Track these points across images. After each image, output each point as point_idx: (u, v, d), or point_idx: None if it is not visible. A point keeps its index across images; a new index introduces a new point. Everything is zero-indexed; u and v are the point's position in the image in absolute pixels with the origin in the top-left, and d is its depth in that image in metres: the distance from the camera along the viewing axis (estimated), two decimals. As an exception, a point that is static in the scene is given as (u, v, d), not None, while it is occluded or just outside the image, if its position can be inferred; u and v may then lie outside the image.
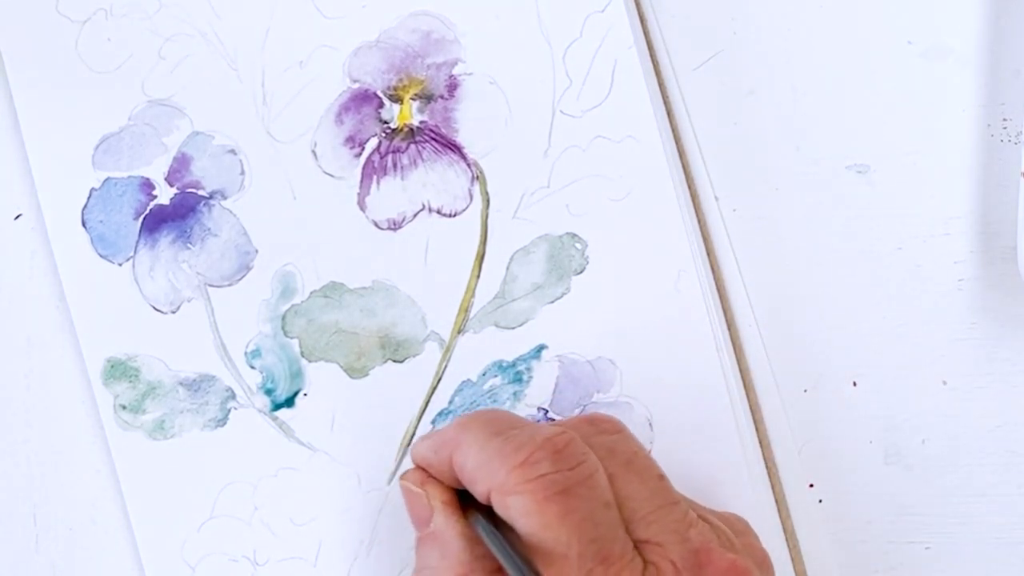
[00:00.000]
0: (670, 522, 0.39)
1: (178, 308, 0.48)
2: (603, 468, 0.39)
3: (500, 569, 0.38)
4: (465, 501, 0.40)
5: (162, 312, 0.48)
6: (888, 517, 0.46)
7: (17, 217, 0.49)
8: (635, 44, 0.47)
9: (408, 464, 0.46)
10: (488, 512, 0.39)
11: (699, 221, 0.47)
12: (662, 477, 0.40)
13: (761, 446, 0.46)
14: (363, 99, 0.48)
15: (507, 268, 0.47)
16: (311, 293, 0.47)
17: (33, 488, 0.48)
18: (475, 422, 0.40)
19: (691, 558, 0.38)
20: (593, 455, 0.38)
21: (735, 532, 0.41)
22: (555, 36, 0.47)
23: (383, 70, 0.48)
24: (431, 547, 0.40)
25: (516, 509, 0.37)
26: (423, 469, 0.41)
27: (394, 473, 0.47)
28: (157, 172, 0.48)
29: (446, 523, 0.40)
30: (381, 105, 0.48)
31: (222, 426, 0.47)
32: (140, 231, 0.48)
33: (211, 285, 0.48)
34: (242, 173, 0.48)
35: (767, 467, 0.46)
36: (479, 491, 0.39)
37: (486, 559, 0.39)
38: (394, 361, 0.47)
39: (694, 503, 0.41)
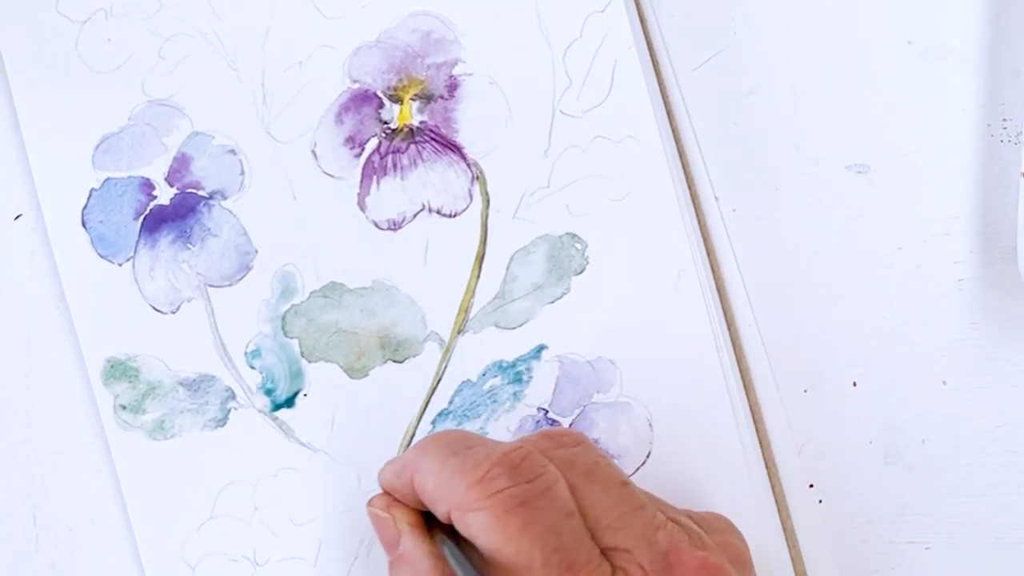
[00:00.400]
0: (636, 527, 0.38)
1: (178, 308, 0.48)
2: (564, 480, 0.39)
3: None
4: (431, 522, 0.40)
5: (162, 312, 0.48)
6: (888, 517, 0.46)
7: (17, 217, 0.49)
8: (635, 44, 0.47)
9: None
10: (452, 532, 0.39)
11: (699, 221, 0.47)
12: (625, 483, 0.40)
13: (761, 446, 0.46)
14: (363, 99, 0.48)
15: (507, 268, 0.47)
16: (311, 293, 0.47)
17: (33, 488, 0.48)
18: (433, 444, 0.40)
19: (660, 560, 0.38)
20: (552, 467, 0.38)
21: (714, 530, 0.41)
22: (555, 36, 0.47)
23: (383, 70, 0.48)
24: (402, 569, 0.40)
25: (476, 526, 0.37)
26: (389, 493, 0.42)
27: (394, 473, 0.47)
28: (157, 172, 0.48)
29: (413, 544, 0.40)
30: (381, 105, 0.48)
31: (222, 426, 0.47)
32: (140, 231, 0.48)
33: (211, 285, 0.48)
34: (242, 173, 0.48)
35: (767, 467, 0.46)
36: (440, 511, 0.39)
37: None
38: (394, 361, 0.47)
39: (665, 505, 0.41)
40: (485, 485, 0.37)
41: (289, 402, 0.47)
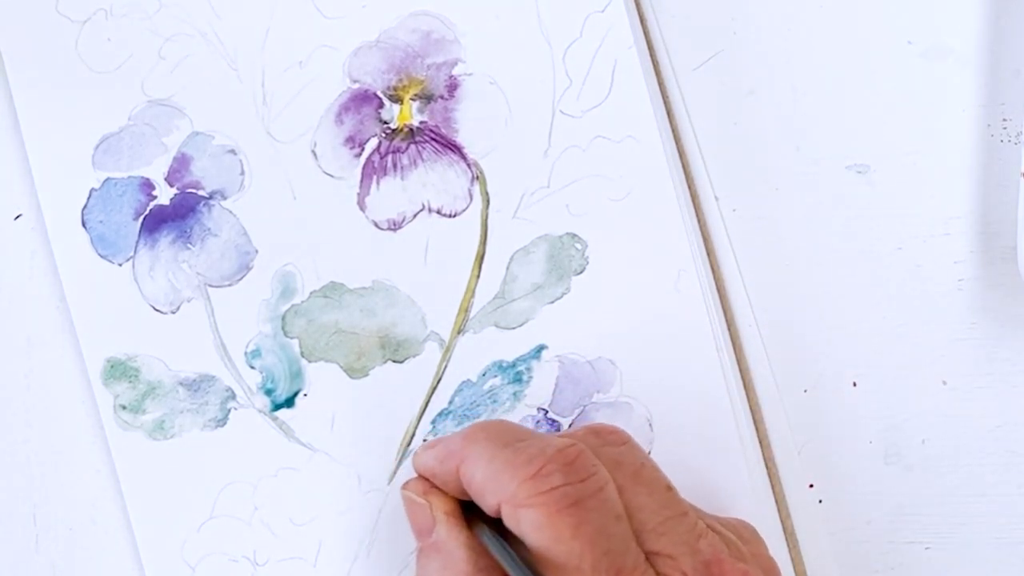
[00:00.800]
0: (680, 533, 0.38)
1: (178, 308, 0.48)
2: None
3: None
4: (468, 512, 0.40)
5: (162, 312, 0.48)
6: (888, 517, 0.46)
7: (17, 217, 0.49)
8: (635, 44, 0.47)
9: (408, 465, 0.46)
10: (493, 524, 0.39)
11: (699, 221, 0.47)
12: (670, 488, 0.40)
13: (761, 446, 0.46)
14: (363, 99, 0.48)
15: (507, 268, 0.47)
16: (311, 293, 0.47)
17: (33, 488, 0.48)
18: (482, 433, 0.39)
19: (703, 570, 0.38)
20: (603, 467, 0.38)
21: (742, 540, 0.41)
22: (555, 36, 0.47)
23: (383, 70, 0.48)
24: (432, 558, 0.40)
25: (528, 522, 0.37)
26: (425, 479, 0.41)
27: (394, 473, 0.47)
28: (157, 172, 0.48)
29: (449, 534, 0.40)
30: (381, 105, 0.48)
31: (222, 426, 0.47)
32: (140, 231, 0.48)
33: (211, 285, 0.48)
34: (242, 173, 0.48)
35: (767, 467, 0.46)
36: (488, 503, 0.38)
37: (490, 571, 0.39)
38: (394, 361, 0.47)
39: (701, 512, 0.41)
40: (538, 481, 0.37)
41: (289, 402, 0.47)
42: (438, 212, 0.47)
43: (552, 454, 0.38)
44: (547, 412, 0.46)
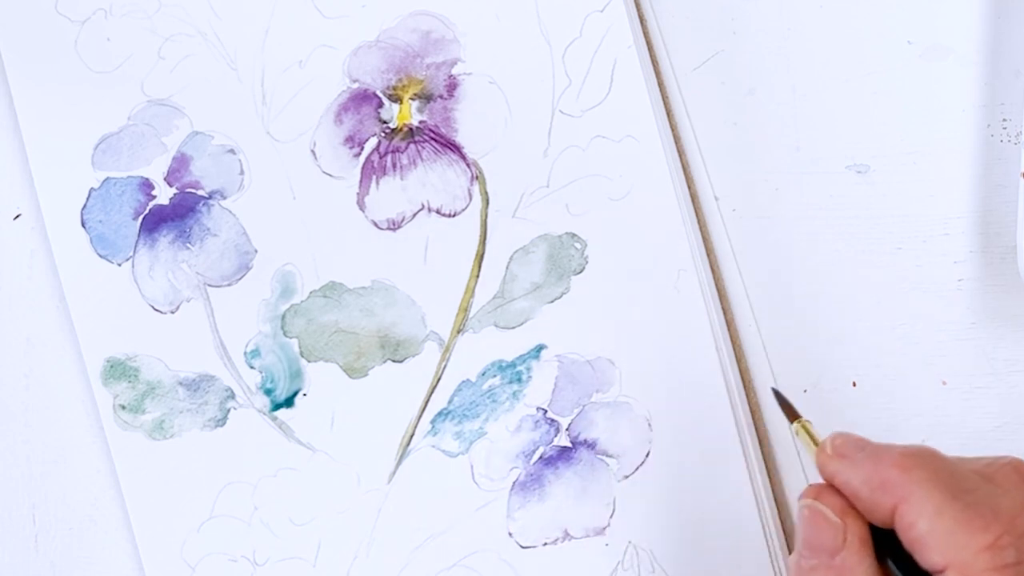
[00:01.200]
0: None
1: (178, 308, 0.48)
2: None
3: None
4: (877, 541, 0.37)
5: (162, 312, 0.48)
6: (888, 517, 0.46)
7: (17, 217, 0.49)
8: (635, 44, 0.47)
9: (410, 466, 0.46)
10: (900, 556, 0.36)
11: (699, 221, 0.47)
12: None
13: (761, 446, 0.46)
14: (363, 99, 0.48)
15: (506, 268, 0.47)
16: (310, 293, 0.47)
17: (33, 488, 0.48)
18: (924, 472, 0.36)
19: None
20: None
21: None
22: (555, 36, 0.47)
23: (383, 70, 0.48)
24: None
25: None
26: (841, 495, 0.37)
27: (393, 473, 0.47)
28: (156, 172, 0.48)
29: (860, 564, 0.36)
30: (380, 105, 0.48)
31: (222, 426, 0.47)
32: (139, 231, 0.48)
33: (211, 285, 0.48)
34: (241, 173, 0.48)
35: (767, 467, 0.46)
36: (931, 560, 0.35)
37: None
38: (393, 361, 0.47)
39: None
40: (994, 554, 0.34)
41: (289, 402, 0.47)
42: (437, 212, 0.47)
43: (1007, 523, 0.35)
44: (546, 412, 0.46)
